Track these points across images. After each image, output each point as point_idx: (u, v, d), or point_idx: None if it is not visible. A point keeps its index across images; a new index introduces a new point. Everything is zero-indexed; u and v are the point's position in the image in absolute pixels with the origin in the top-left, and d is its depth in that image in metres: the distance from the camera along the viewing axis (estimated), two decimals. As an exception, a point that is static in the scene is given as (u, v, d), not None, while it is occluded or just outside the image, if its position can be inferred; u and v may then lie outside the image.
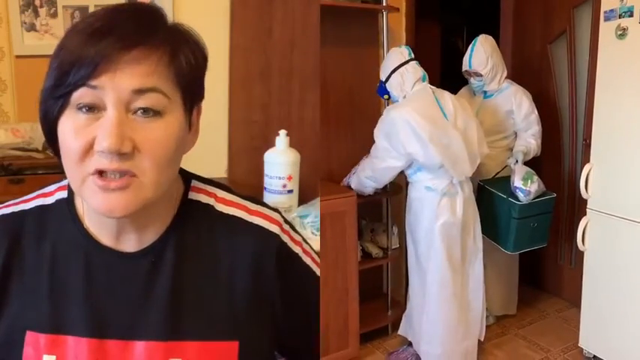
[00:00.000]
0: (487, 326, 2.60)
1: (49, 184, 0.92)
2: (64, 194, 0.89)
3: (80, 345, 0.83)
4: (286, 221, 0.95)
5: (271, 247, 0.90)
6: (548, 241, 2.61)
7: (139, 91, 0.76)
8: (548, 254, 3.10)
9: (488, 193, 2.49)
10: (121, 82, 0.75)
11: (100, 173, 0.75)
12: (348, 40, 2.66)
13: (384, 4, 2.62)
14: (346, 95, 2.70)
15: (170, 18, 0.85)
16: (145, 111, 0.77)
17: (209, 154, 2.12)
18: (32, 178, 1.92)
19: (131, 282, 0.85)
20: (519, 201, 2.36)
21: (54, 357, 0.83)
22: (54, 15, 2.18)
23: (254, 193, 1.84)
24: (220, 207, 0.92)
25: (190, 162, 0.92)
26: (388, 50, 2.52)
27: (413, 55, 2.28)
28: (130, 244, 0.86)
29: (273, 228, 0.92)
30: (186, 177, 0.92)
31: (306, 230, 1.79)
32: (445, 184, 2.23)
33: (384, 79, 2.29)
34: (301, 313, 0.96)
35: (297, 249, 0.94)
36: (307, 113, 2.10)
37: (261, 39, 2.15)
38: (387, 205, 2.72)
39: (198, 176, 0.95)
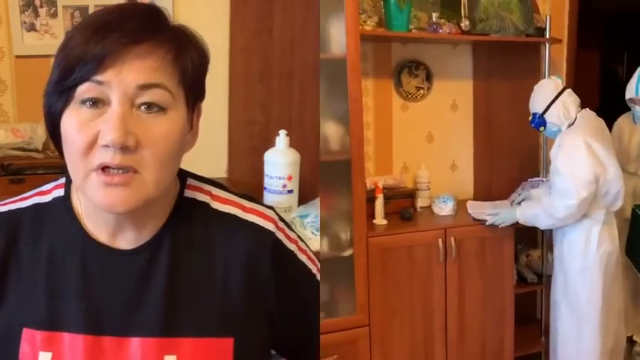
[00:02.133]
0: None
1: (47, 183, 0.93)
2: (61, 192, 0.90)
3: (76, 341, 0.83)
4: (281, 219, 0.96)
5: (266, 244, 0.91)
6: None
7: (144, 87, 0.77)
8: None
9: None
10: (126, 78, 0.76)
11: (103, 169, 0.76)
12: (511, 73, 2.73)
13: (547, 36, 2.65)
14: (507, 125, 2.77)
15: (170, 18, 0.85)
16: (149, 106, 0.77)
17: (209, 154, 2.12)
18: (32, 178, 1.92)
19: (127, 279, 0.85)
20: None
21: (50, 354, 0.83)
22: (54, 15, 2.18)
23: (254, 193, 1.84)
24: (216, 205, 0.92)
25: (190, 162, 0.92)
26: None
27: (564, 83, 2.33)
28: (127, 241, 0.86)
29: (268, 225, 0.92)
30: (182, 175, 0.93)
31: (306, 230, 1.79)
32: (604, 212, 2.18)
33: (540, 111, 2.26)
34: (297, 311, 0.97)
35: (292, 246, 0.95)
36: (307, 113, 2.10)
37: (261, 39, 2.15)
38: (542, 231, 2.71)
39: (194, 174, 0.95)
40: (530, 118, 2.32)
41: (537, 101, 2.31)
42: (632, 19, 4.39)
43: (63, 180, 0.91)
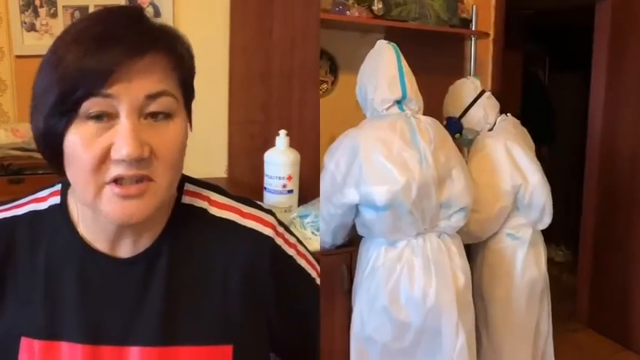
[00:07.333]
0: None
1: (43, 188, 0.92)
2: (57, 200, 0.89)
3: (75, 351, 0.83)
4: (281, 223, 0.95)
5: (265, 250, 0.90)
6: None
7: (152, 96, 0.76)
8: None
9: None
10: (135, 90, 0.75)
11: (116, 181, 0.75)
12: (432, 69, 2.41)
13: (474, 28, 2.42)
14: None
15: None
16: (156, 115, 0.77)
17: (209, 154, 2.12)
18: (32, 178, 1.91)
19: (126, 288, 0.85)
20: None
21: None
22: (54, 15, 2.18)
23: (254, 193, 1.84)
24: (214, 210, 0.91)
25: (190, 162, 0.92)
26: None
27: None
28: (125, 249, 0.85)
29: (267, 231, 0.91)
30: (179, 180, 0.92)
31: (307, 230, 1.79)
32: (530, 232, 1.94)
33: (457, 115, 2.06)
34: (297, 316, 0.96)
35: (291, 251, 0.94)
36: (307, 113, 2.10)
37: (261, 39, 2.15)
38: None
39: (191, 178, 0.94)
40: (444, 123, 2.05)
41: (453, 104, 2.10)
42: (555, 20, 4.20)
43: (59, 187, 0.90)
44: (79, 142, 0.75)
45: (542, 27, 4.26)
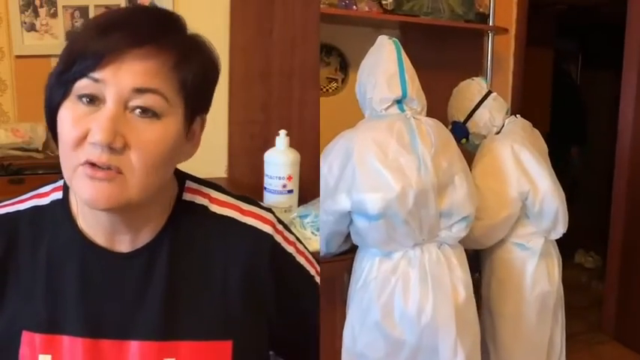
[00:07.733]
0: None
1: (45, 184, 0.93)
2: (59, 195, 0.89)
3: (75, 344, 0.83)
4: (280, 221, 0.96)
5: (264, 247, 0.91)
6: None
7: (140, 90, 0.76)
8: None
9: None
10: (123, 79, 0.75)
11: (90, 164, 0.76)
12: (449, 66, 2.31)
13: (491, 24, 2.32)
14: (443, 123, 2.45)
15: (186, 26, 0.84)
16: (143, 111, 0.77)
17: (209, 154, 2.11)
18: (32, 178, 1.92)
19: (126, 282, 0.85)
20: None
21: (49, 356, 0.83)
22: (54, 15, 2.18)
23: (254, 193, 1.84)
24: (214, 208, 0.92)
25: (190, 162, 0.92)
26: (492, 78, 2.26)
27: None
28: (125, 244, 0.86)
29: (266, 228, 0.92)
30: (181, 177, 0.93)
31: (307, 230, 1.79)
32: (542, 242, 1.82)
33: (462, 119, 1.96)
34: (296, 313, 0.97)
35: (290, 249, 0.95)
36: (307, 113, 2.10)
37: (261, 39, 2.15)
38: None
39: (193, 176, 0.95)
40: (450, 127, 1.95)
41: (458, 107, 2.00)
42: (588, 17, 4.06)
43: (61, 182, 0.91)
44: (69, 119, 0.76)
45: (574, 24, 4.14)
